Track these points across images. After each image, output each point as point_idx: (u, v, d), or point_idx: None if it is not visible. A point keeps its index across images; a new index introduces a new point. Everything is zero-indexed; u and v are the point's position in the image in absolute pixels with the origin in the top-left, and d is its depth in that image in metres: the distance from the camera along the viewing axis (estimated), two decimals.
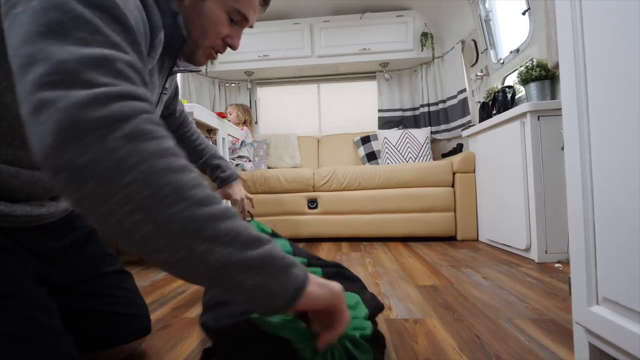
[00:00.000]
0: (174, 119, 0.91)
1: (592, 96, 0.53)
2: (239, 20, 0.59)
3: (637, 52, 0.44)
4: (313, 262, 0.84)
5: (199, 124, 1.57)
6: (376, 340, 0.60)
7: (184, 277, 0.36)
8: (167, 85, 0.67)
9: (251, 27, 0.63)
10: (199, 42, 0.58)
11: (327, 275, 0.76)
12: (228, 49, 0.62)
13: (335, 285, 0.44)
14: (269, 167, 2.76)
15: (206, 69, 2.86)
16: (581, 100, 0.55)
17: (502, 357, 0.66)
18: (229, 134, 1.90)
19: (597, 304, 0.54)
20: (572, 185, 0.57)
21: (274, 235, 0.99)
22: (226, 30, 0.59)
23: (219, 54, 0.63)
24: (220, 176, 0.95)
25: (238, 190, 0.99)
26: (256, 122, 3.12)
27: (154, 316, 0.93)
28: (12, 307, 0.46)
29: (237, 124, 2.51)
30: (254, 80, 3.13)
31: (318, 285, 0.41)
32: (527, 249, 1.56)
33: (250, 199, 1.06)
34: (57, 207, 0.58)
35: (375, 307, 0.69)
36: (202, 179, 0.37)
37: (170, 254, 0.34)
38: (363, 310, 0.62)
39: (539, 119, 1.50)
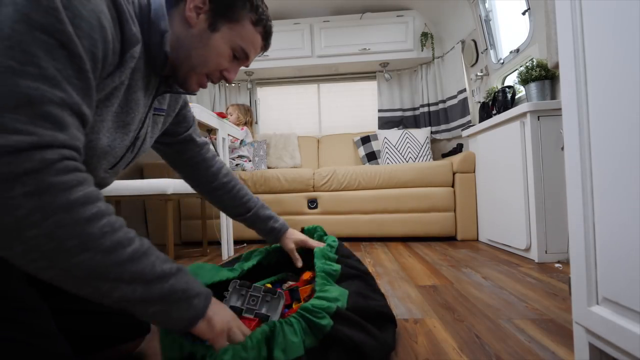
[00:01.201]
0: (196, 149, 0.82)
1: (592, 96, 0.53)
2: (241, 58, 0.62)
3: (637, 52, 0.44)
4: (343, 262, 0.84)
5: (200, 124, 1.57)
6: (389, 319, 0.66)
7: (89, 298, 0.40)
8: (159, 105, 0.66)
9: (247, 66, 0.67)
10: (196, 69, 0.59)
11: (345, 276, 0.77)
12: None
13: (221, 322, 0.49)
14: (269, 167, 2.76)
15: None
16: (581, 100, 0.55)
17: (502, 357, 0.66)
18: (229, 134, 1.90)
19: (597, 304, 0.54)
20: (572, 185, 0.57)
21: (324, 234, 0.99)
22: (227, 64, 0.61)
23: (210, 84, 0.64)
24: (274, 227, 0.90)
25: (299, 234, 0.94)
26: (256, 122, 3.12)
27: None
28: (1, 309, 0.45)
29: (238, 125, 2.51)
30: (254, 80, 3.13)
31: (207, 324, 0.48)
32: (527, 249, 1.56)
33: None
34: None
35: (382, 314, 0.70)
36: (115, 223, 0.40)
37: (76, 288, 0.39)
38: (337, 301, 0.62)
39: (539, 119, 1.50)
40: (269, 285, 0.78)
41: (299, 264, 0.88)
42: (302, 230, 1.02)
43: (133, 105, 0.56)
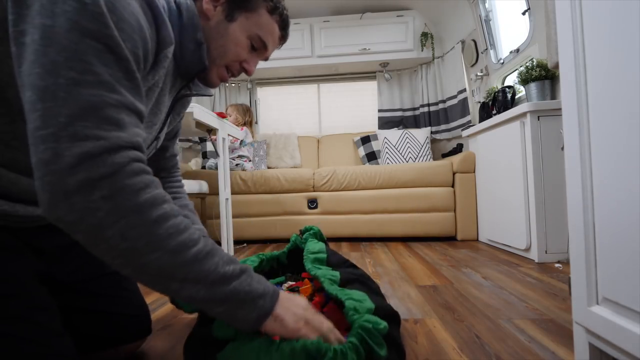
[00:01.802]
0: (165, 157, 0.79)
1: (592, 96, 0.53)
2: (259, 48, 0.62)
3: (637, 52, 0.44)
4: (336, 265, 0.83)
5: (199, 124, 1.56)
6: (392, 317, 0.63)
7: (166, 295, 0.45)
8: (176, 107, 0.66)
9: (266, 59, 0.66)
10: (216, 61, 0.60)
11: (346, 281, 0.75)
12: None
13: (292, 321, 0.48)
14: (268, 167, 2.76)
15: None
16: (581, 100, 0.55)
17: (502, 357, 0.66)
18: (228, 134, 1.90)
19: (597, 304, 0.53)
20: (572, 185, 0.57)
21: (320, 237, 0.97)
22: (245, 55, 0.61)
23: (231, 77, 0.64)
24: None
25: None
26: (256, 122, 3.12)
27: (154, 316, 0.93)
28: (13, 307, 0.46)
29: (237, 126, 2.51)
30: (254, 80, 3.13)
31: (275, 320, 0.47)
32: (527, 249, 1.56)
33: None
34: None
35: (388, 314, 0.68)
36: (180, 224, 0.42)
37: (150, 285, 0.42)
38: (368, 305, 0.61)
39: (539, 119, 1.50)
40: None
41: None
42: (301, 232, 1.02)
43: (161, 107, 0.58)
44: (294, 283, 0.90)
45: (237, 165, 2.39)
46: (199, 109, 1.50)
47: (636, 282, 0.46)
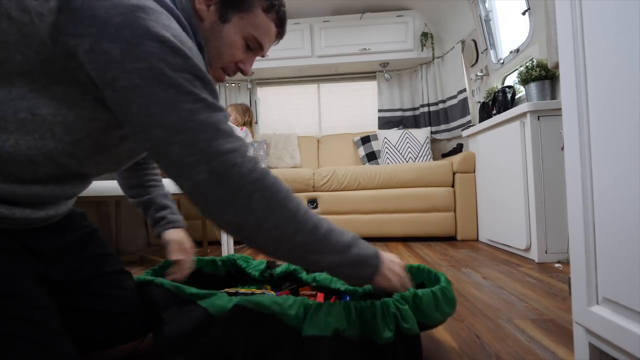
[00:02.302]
0: None
1: (592, 96, 0.53)
2: (255, 48, 0.61)
3: (637, 52, 0.44)
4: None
5: None
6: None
7: (305, 267, 0.59)
8: None
9: (263, 56, 0.65)
10: (212, 64, 0.59)
11: None
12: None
13: (395, 275, 0.59)
14: (269, 167, 2.76)
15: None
16: (581, 100, 0.55)
17: (502, 357, 0.66)
18: None
19: (597, 304, 0.53)
20: (572, 185, 0.57)
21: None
22: (240, 55, 0.60)
23: (227, 77, 0.64)
24: (166, 217, 0.81)
25: (186, 243, 0.83)
26: (256, 122, 3.12)
27: None
28: (12, 307, 0.46)
29: (237, 126, 2.51)
30: (254, 80, 3.13)
31: (384, 276, 0.57)
32: (527, 249, 1.56)
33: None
34: (57, 210, 0.57)
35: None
36: (308, 210, 0.51)
37: (297, 262, 0.55)
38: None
39: (539, 119, 1.50)
40: (255, 290, 0.80)
41: (171, 256, 0.78)
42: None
43: None
44: (292, 283, 0.90)
45: None
46: None
47: (636, 282, 0.46)
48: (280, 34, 0.64)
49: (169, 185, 0.83)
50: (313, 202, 2.24)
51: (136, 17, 0.41)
